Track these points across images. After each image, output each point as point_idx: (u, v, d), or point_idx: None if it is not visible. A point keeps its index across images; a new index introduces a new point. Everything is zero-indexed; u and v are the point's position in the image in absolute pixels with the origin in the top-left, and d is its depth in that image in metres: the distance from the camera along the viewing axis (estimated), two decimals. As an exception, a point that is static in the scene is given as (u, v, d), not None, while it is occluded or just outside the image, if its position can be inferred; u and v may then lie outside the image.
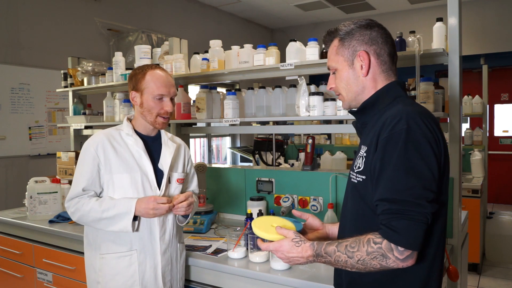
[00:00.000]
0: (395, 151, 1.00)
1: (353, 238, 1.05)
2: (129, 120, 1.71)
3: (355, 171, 1.13)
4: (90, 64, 3.07)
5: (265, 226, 1.22)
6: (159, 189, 1.63)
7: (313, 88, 2.13)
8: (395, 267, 1.00)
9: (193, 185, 1.85)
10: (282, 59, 2.23)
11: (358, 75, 1.17)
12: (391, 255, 0.98)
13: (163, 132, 1.74)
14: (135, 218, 1.56)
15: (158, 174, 1.65)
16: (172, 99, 1.66)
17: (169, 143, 1.72)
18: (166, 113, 1.63)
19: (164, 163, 1.66)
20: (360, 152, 1.13)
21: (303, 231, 1.29)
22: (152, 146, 1.69)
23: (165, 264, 1.66)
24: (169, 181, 1.68)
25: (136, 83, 1.63)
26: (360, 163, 1.11)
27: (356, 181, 1.13)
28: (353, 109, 1.24)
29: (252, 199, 2.30)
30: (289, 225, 1.24)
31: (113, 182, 1.58)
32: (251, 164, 4.94)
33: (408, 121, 1.01)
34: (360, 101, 1.20)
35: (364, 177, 1.09)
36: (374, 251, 1.00)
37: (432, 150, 1.01)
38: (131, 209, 1.52)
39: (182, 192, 1.74)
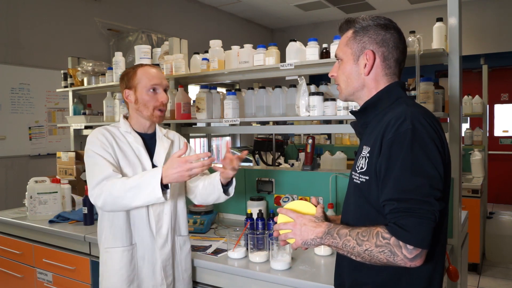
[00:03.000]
0: (401, 151, 1.00)
1: (365, 227, 1.04)
2: (125, 118, 1.72)
3: (358, 171, 1.13)
4: (90, 64, 3.07)
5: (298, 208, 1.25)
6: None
7: (313, 88, 2.13)
8: (402, 265, 0.99)
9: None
10: (282, 59, 2.23)
11: (360, 73, 1.17)
12: (400, 253, 0.97)
13: (158, 128, 1.75)
14: (165, 188, 1.48)
15: None
16: (166, 91, 1.67)
17: (163, 139, 1.73)
18: (162, 104, 1.64)
19: (158, 160, 1.68)
20: (363, 153, 1.13)
21: None
22: (150, 144, 1.71)
23: (165, 259, 1.66)
24: None
25: (128, 80, 1.65)
26: (363, 163, 1.11)
27: (359, 182, 1.12)
28: (354, 110, 1.24)
29: (252, 199, 2.31)
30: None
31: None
32: (251, 164, 4.94)
33: (413, 121, 1.02)
34: (358, 97, 1.21)
35: (367, 177, 1.09)
36: (382, 245, 0.99)
37: (438, 150, 1.02)
38: (157, 173, 1.44)
39: (182, 186, 1.76)
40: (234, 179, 1.70)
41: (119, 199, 1.46)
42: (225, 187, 1.69)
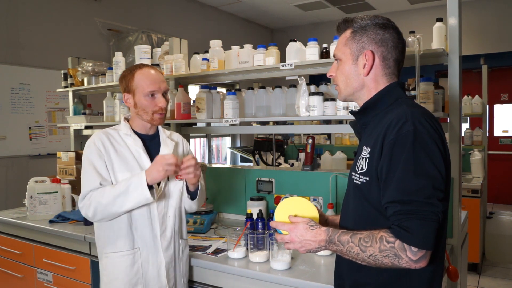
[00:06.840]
0: (403, 153, 1.00)
1: (367, 231, 1.04)
2: (126, 120, 1.73)
3: (358, 172, 1.12)
4: (90, 64, 3.07)
5: (288, 211, 1.20)
6: (159, 186, 1.64)
7: (313, 88, 2.13)
8: (407, 267, 0.99)
9: None
10: (282, 59, 2.23)
11: (359, 73, 1.16)
12: (404, 256, 0.98)
13: (161, 130, 1.75)
14: (150, 189, 1.51)
15: None
16: (165, 94, 1.66)
17: (167, 141, 1.73)
18: (161, 109, 1.63)
19: None
20: (363, 153, 1.12)
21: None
22: (150, 145, 1.70)
23: (168, 261, 1.66)
24: (168, 178, 1.69)
25: (127, 84, 1.64)
26: (363, 164, 1.11)
27: (359, 182, 1.12)
28: (354, 110, 1.24)
29: (252, 199, 2.31)
30: (312, 210, 1.22)
31: (115, 181, 1.59)
32: (251, 164, 4.94)
33: (414, 122, 1.02)
34: (358, 97, 1.20)
35: (368, 178, 1.09)
36: (386, 250, 0.99)
37: (439, 150, 1.02)
38: (141, 176, 1.49)
39: (183, 188, 1.76)
40: (200, 185, 1.70)
41: (109, 206, 1.50)
42: (194, 192, 1.71)
